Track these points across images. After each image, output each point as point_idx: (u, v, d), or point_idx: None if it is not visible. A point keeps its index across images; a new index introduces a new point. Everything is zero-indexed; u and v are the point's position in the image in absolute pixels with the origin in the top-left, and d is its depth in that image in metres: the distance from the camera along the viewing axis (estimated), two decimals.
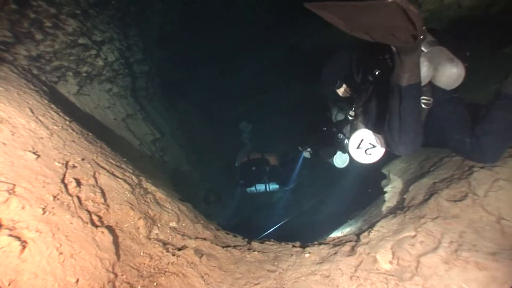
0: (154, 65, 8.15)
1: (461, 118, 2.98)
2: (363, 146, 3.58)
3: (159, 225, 2.95)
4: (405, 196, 3.88)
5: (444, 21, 5.93)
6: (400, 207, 3.79)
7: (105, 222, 2.42)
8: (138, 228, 2.62)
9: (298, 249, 3.63)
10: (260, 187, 7.46)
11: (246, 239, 3.85)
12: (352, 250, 3.34)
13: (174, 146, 7.54)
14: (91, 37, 5.04)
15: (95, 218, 2.35)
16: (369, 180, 9.21)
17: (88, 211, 2.33)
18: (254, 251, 3.39)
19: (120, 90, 5.89)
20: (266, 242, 3.83)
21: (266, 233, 7.50)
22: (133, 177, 3.21)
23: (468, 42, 3.43)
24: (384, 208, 4.32)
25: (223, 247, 3.23)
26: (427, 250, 2.83)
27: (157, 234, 2.81)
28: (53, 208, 2.12)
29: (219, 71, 11.52)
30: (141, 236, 2.60)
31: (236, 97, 11.70)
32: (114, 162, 3.20)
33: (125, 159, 3.59)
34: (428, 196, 3.46)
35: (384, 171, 5.11)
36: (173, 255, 2.61)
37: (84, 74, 4.93)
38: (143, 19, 7.59)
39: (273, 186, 7.44)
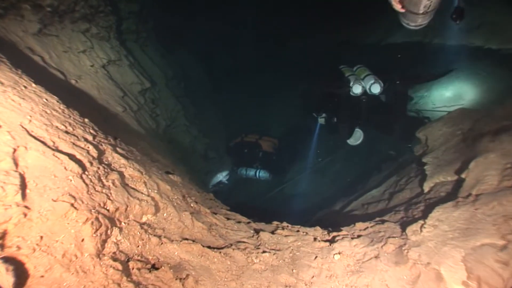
0: (147, 6, 6.79)
1: None
2: None
3: (123, 224, 1.87)
4: (463, 176, 2.79)
5: None
6: (457, 191, 2.71)
7: (11, 243, 1.32)
8: (82, 240, 1.53)
9: (322, 244, 2.58)
10: (250, 172, 6.87)
11: (253, 228, 2.80)
12: (400, 254, 2.29)
13: (169, 97, 6.36)
14: None
15: None
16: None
17: None
18: (264, 251, 2.34)
19: (101, 31, 4.63)
20: (279, 231, 2.78)
21: (276, 191, 6.75)
22: (91, 147, 2.08)
23: None
24: (427, 186, 3.24)
25: (220, 248, 2.18)
26: None
27: (117, 243, 1.73)
28: None
29: (221, 16, 10.04)
30: (87, 254, 1.51)
31: (239, 44, 10.29)
32: (63, 127, 2.06)
33: (87, 119, 2.45)
34: (509, 182, 2.37)
35: (420, 135, 3.99)
36: (138, 285, 1.54)
37: (49, 9, 3.67)
38: None
39: (263, 174, 6.80)
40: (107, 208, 1.80)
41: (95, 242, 1.57)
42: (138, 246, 1.82)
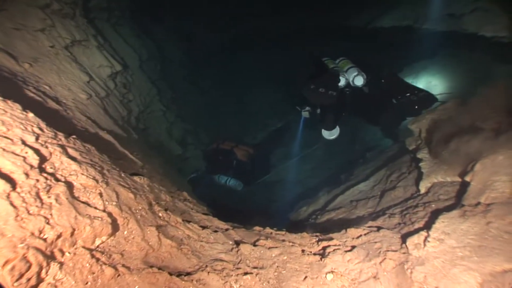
0: None
1: None
2: None
3: (68, 254, 1.45)
4: (466, 178, 2.45)
5: None
6: (461, 197, 2.37)
7: None
8: None
9: (311, 258, 2.22)
10: (222, 179, 6.65)
11: (232, 237, 2.41)
12: (402, 273, 1.94)
13: (143, 81, 5.83)
14: None
15: None
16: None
17: None
18: (245, 272, 1.95)
19: (64, 8, 4.06)
20: (261, 241, 2.40)
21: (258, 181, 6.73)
22: (30, 152, 1.63)
23: None
24: (424, 186, 2.90)
25: (192, 273, 1.78)
26: None
27: (55, 285, 1.31)
28: None
29: None
30: None
31: (221, 22, 9.60)
32: None
33: (32, 115, 1.98)
34: None
35: (413, 127, 3.64)
36: None
37: None
38: None
39: (233, 183, 6.58)
40: (44, 237, 1.37)
41: None
42: (86, 283, 1.40)
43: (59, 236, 1.43)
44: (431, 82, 5.75)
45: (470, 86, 4.93)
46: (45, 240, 1.36)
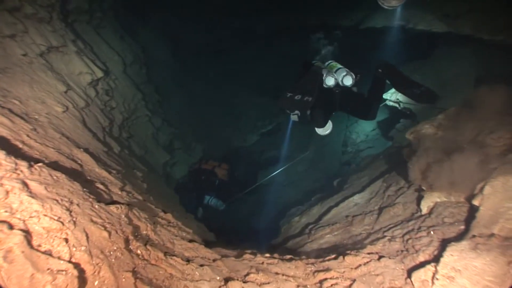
0: None
1: None
2: None
3: None
4: (474, 202, 2.23)
5: None
6: (469, 223, 2.15)
7: None
8: None
9: None
10: (205, 198, 6.53)
11: (220, 270, 2.16)
12: None
13: (128, 86, 5.51)
14: None
15: None
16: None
17: None
18: None
19: (39, 11, 3.75)
20: (252, 276, 2.16)
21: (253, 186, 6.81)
22: None
23: None
24: (426, 205, 2.68)
25: None
26: None
27: None
28: None
29: None
30: None
31: (208, 22, 9.26)
32: None
33: None
34: None
35: (411, 137, 3.41)
36: None
37: None
38: None
39: (214, 202, 6.50)
40: None
41: None
42: None
43: None
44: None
45: (466, 89, 4.73)
46: None
